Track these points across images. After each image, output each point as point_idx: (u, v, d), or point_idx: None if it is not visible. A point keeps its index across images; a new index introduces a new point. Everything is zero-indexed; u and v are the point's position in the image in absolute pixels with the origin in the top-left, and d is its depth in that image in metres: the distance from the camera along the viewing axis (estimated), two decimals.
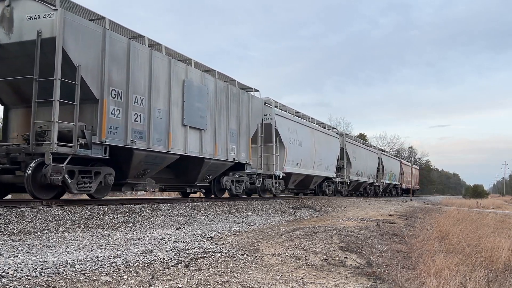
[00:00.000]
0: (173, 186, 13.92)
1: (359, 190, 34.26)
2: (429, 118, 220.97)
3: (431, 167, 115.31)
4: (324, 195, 24.57)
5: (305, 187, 23.56)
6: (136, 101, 10.42)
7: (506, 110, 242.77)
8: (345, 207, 18.65)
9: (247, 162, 15.69)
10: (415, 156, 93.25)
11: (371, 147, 37.60)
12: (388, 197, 41.21)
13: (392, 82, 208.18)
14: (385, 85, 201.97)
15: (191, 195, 15.95)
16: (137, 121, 10.42)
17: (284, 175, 18.64)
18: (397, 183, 45.94)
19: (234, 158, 14.80)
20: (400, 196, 46.45)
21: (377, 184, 37.13)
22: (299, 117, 21.85)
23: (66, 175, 8.79)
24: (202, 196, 16.57)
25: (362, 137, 63.29)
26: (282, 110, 19.85)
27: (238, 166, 15.43)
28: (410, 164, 58.04)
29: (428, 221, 13.81)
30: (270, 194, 19.25)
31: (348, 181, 28.35)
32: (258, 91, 16.92)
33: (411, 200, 38.77)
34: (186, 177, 13.53)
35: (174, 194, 22.07)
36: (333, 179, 25.66)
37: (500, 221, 15.15)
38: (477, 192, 69.14)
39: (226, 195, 16.83)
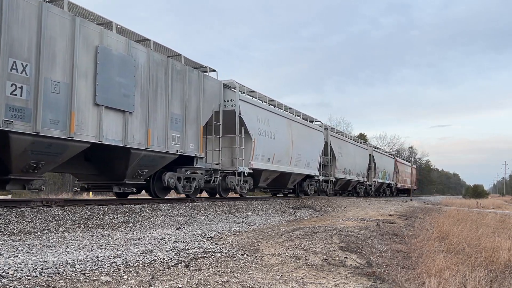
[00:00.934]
0: (98, 185, 11.35)
1: (347, 189, 31.50)
2: (430, 118, 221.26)
3: (431, 167, 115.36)
4: (306, 195, 22.32)
5: (281, 186, 20.80)
6: (15, 67, 7.81)
7: (506, 110, 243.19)
8: (345, 207, 18.65)
9: (198, 155, 12.78)
10: (415, 156, 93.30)
11: (361, 143, 34.19)
12: (389, 197, 40.14)
13: (393, 82, 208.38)
14: (385, 85, 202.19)
15: (127, 196, 13.24)
16: (15, 94, 7.77)
17: (251, 171, 15.90)
18: (392, 182, 43.04)
19: (177, 150, 11.83)
20: (394, 196, 44.15)
21: (368, 183, 34.40)
22: (273, 105, 18.92)
23: None
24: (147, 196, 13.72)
25: (362, 137, 62.54)
26: (251, 96, 16.95)
27: (189, 161, 12.80)
28: (406, 162, 55.58)
29: (428, 221, 13.81)
30: (236, 194, 16.79)
31: (334, 180, 25.53)
32: (214, 71, 14.16)
33: (411, 200, 38.79)
34: (112, 173, 10.87)
35: (108, 195, 19.35)
36: (316, 177, 22.87)
37: (500, 221, 15.15)
38: (477, 192, 69.19)
39: (173, 195, 15.08)
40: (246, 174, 15.66)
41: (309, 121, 22.87)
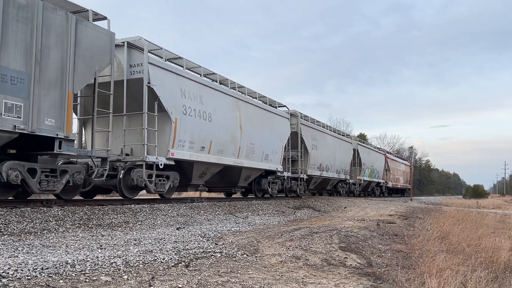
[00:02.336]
0: None
1: (326, 188, 26.94)
2: (430, 119, 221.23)
3: (431, 167, 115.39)
4: (266, 195, 18.65)
5: (230, 184, 16.43)
6: None
7: (506, 110, 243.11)
8: (345, 207, 18.65)
9: (62, 136, 8.66)
10: (415, 156, 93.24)
11: (344, 135, 29.74)
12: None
13: (393, 82, 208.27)
14: (386, 86, 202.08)
15: None
16: None
17: (171, 163, 11.93)
18: (381, 181, 38.44)
19: (15, 126, 7.84)
20: (385, 197, 40.07)
21: (351, 181, 30.01)
22: (212, 80, 14.67)
23: None
24: None
25: (362, 137, 61.48)
26: (171, 62, 12.82)
27: (49, 144, 8.71)
28: (399, 159, 51.16)
29: (428, 221, 13.81)
30: (154, 195, 13.15)
31: (305, 177, 21.12)
32: (104, 18, 10.07)
33: (411, 200, 38.82)
34: None
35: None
36: (279, 174, 18.61)
37: (500, 221, 15.15)
38: (477, 192, 69.18)
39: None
40: (161, 166, 11.44)
41: (271, 105, 18.61)
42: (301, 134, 20.76)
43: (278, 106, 19.48)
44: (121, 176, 10.83)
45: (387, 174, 40.78)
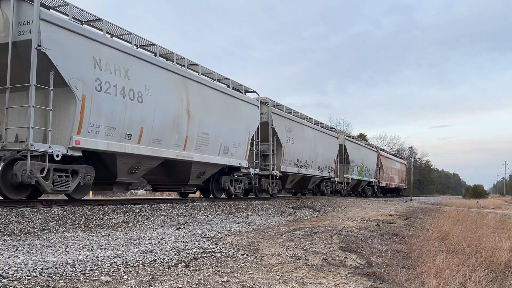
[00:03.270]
0: None
1: (307, 187, 23.97)
2: (430, 119, 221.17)
3: (431, 167, 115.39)
4: (230, 196, 15.91)
5: (177, 182, 13.66)
6: None
7: (507, 110, 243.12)
8: (345, 207, 18.65)
9: None
10: (415, 156, 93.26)
11: (328, 129, 26.02)
12: (389, 198, 39.46)
13: (394, 82, 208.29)
14: (386, 86, 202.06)
15: None
16: None
17: (78, 154, 9.20)
18: (373, 180, 35.68)
19: None
20: (378, 197, 36.94)
21: (337, 179, 26.84)
22: (151, 53, 11.82)
23: None
24: None
25: (362, 137, 60.85)
26: (88, 25, 9.99)
27: None
28: (393, 157, 47.42)
29: (428, 221, 13.81)
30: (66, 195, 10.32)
31: (278, 175, 18.41)
32: None
33: (411, 200, 38.82)
34: None
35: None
36: (244, 170, 15.98)
37: (500, 221, 15.14)
38: (477, 192, 69.12)
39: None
40: (57, 158, 8.62)
41: (236, 90, 15.65)
42: (272, 125, 17.80)
43: (246, 92, 16.40)
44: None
45: (380, 173, 38.05)
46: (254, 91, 16.96)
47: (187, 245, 6.23)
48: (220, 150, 14.19)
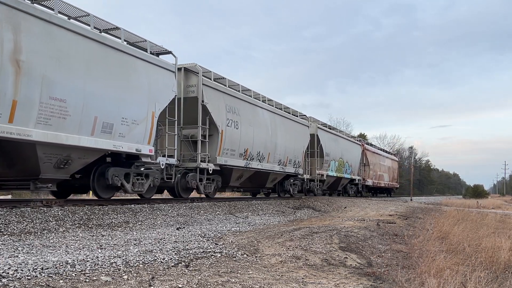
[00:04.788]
0: None
1: (265, 186, 19.09)
2: (431, 119, 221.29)
3: (431, 167, 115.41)
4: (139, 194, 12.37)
5: (26, 174, 9.12)
6: None
7: (507, 110, 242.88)
8: (345, 207, 18.66)
9: None
10: (415, 156, 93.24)
11: (297, 115, 21.30)
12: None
13: (394, 83, 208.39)
14: (387, 86, 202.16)
15: None
16: None
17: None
18: (357, 177, 31.14)
19: None
20: (363, 197, 32.81)
21: (306, 176, 22.21)
22: None
23: None
24: None
25: (362, 137, 59.38)
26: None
27: None
28: (383, 152, 42.25)
29: (428, 221, 13.81)
30: None
31: (212, 168, 13.87)
32: None
33: (411, 200, 38.83)
34: None
35: None
36: (144, 159, 11.21)
37: (500, 221, 15.15)
38: (477, 192, 69.10)
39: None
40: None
41: (132, 45, 11.22)
42: (203, 101, 13.38)
43: (158, 53, 12.10)
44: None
45: (365, 170, 33.71)
46: (170, 52, 12.25)
47: (187, 245, 6.23)
48: (94, 128, 9.59)
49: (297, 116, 21.24)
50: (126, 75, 10.56)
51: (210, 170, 13.92)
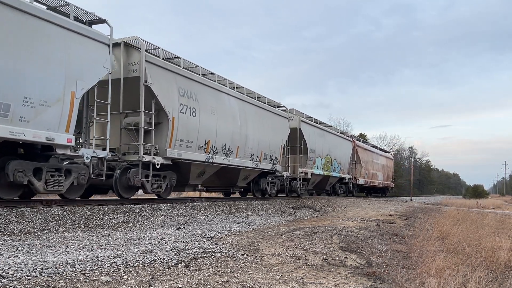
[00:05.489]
0: None
1: (236, 184, 16.58)
2: (431, 119, 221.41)
3: (431, 167, 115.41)
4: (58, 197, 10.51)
5: None
6: None
7: (507, 110, 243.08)
8: (345, 207, 18.66)
9: None
10: (415, 156, 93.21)
11: (275, 106, 19.13)
12: (389, 198, 38.64)
13: (394, 83, 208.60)
14: (387, 86, 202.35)
15: None
16: None
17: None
18: (347, 176, 28.60)
19: None
20: (354, 197, 30.45)
21: (286, 174, 19.69)
22: None
23: None
24: None
25: (362, 137, 58.57)
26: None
27: None
28: (376, 150, 39.19)
29: (428, 221, 13.81)
30: None
31: (161, 162, 11.55)
32: None
33: (411, 200, 38.83)
34: None
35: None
36: (61, 151, 8.94)
37: (500, 221, 15.15)
38: (477, 192, 69.16)
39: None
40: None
41: (58, 11, 9.21)
42: (146, 81, 11.09)
43: (89, 22, 9.99)
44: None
45: (356, 168, 31.43)
46: (104, 21, 10.09)
47: (187, 245, 6.23)
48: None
49: (274, 107, 18.99)
50: (31, 42, 8.26)
51: (158, 164, 11.48)
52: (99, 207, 9.29)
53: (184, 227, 8.64)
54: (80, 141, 9.96)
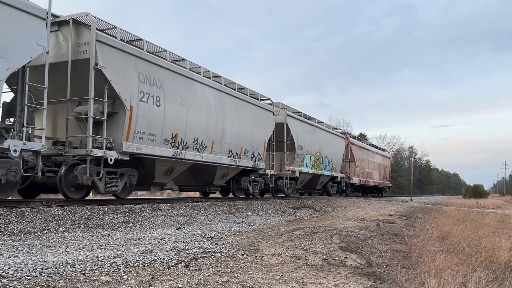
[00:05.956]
0: None
1: (213, 183, 15.13)
2: (431, 119, 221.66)
3: (431, 167, 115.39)
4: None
5: None
6: None
7: (507, 110, 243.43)
8: (345, 207, 18.66)
9: None
10: (415, 156, 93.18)
11: (259, 99, 17.59)
12: (388, 198, 38.56)
13: (394, 83, 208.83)
14: (387, 86, 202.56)
15: None
16: None
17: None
18: (339, 175, 27.07)
19: None
20: (347, 197, 28.92)
21: (271, 172, 18.16)
22: None
23: None
24: None
25: (362, 136, 58.32)
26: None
27: None
28: (371, 147, 37.40)
29: (429, 221, 13.81)
30: None
31: (115, 157, 10.09)
32: None
33: (411, 200, 38.82)
34: None
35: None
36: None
37: (500, 221, 15.15)
38: (477, 192, 69.18)
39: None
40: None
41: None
42: (97, 64, 9.69)
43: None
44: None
45: (350, 166, 29.78)
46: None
47: (187, 245, 6.23)
48: None
49: (258, 99, 17.39)
50: None
51: (111, 159, 10.05)
52: (99, 207, 9.29)
53: (184, 227, 8.64)
54: (14, 131, 8.38)
